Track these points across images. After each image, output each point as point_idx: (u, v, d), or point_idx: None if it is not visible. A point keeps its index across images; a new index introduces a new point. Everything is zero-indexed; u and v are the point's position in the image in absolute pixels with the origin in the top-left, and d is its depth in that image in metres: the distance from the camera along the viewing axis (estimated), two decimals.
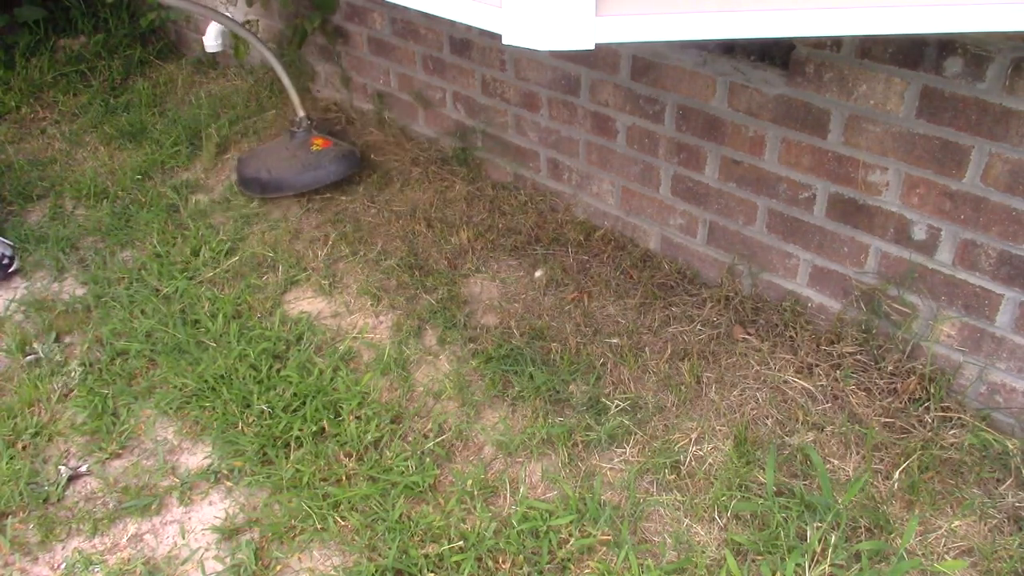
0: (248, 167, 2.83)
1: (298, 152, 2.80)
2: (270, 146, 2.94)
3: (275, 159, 2.81)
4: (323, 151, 2.78)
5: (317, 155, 2.76)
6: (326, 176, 2.74)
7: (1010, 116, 1.61)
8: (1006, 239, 1.71)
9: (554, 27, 1.02)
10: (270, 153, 2.86)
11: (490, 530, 1.67)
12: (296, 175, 2.73)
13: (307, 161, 2.75)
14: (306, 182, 2.74)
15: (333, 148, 2.80)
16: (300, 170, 2.73)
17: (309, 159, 2.76)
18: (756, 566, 1.59)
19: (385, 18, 2.92)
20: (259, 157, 2.86)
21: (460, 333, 2.19)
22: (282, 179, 2.74)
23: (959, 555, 1.61)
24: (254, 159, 2.86)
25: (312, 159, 2.76)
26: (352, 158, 2.79)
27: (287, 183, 2.74)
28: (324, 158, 2.76)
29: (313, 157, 2.76)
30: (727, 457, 1.80)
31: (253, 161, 2.85)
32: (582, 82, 2.36)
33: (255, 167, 2.81)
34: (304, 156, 2.77)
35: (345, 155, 2.78)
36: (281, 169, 2.76)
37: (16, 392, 2.09)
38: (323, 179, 2.74)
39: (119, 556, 1.71)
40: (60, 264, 2.56)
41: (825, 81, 1.85)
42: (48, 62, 3.76)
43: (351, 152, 2.80)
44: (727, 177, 2.14)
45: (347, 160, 2.77)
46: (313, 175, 2.73)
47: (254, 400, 1.99)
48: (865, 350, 1.98)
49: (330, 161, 2.75)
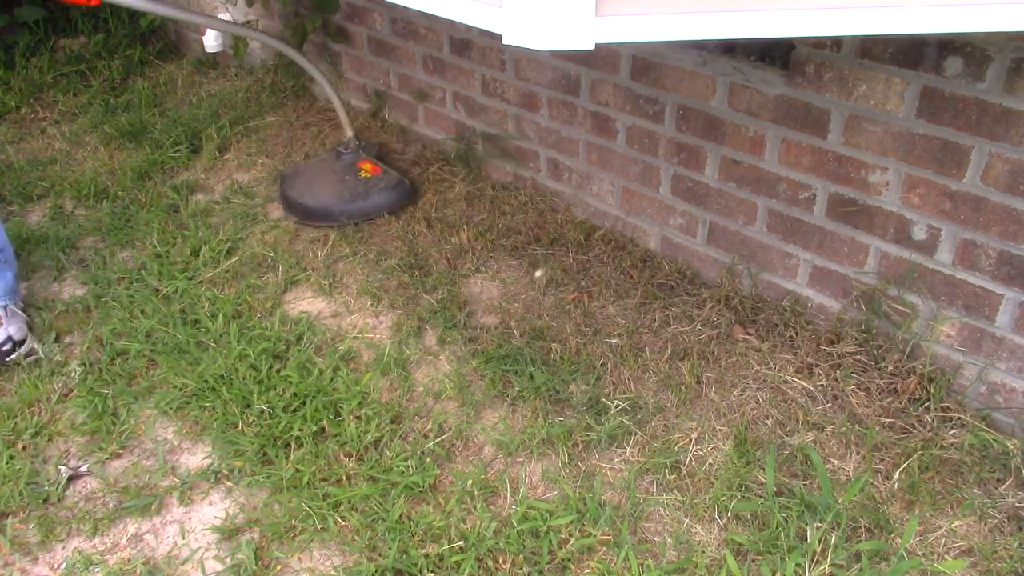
0: (292, 188, 2.68)
1: (346, 177, 2.67)
2: (316, 165, 2.79)
3: (321, 184, 2.66)
4: (372, 179, 2.64)
5: (366, 183, 2.62)
6: (375, 208, 2.59)
7: (1010, 116, 1.61)
8: (1006, 239, 1.71)
9: (554, 27, 1.02)
10: (315, 175, 2.71)
11: (490, 530, 1.67)
12: (343, 204, 2.58)
13: (355, 190, 2.61)
14: (352, 213, 2.58)
15: (383, 176, 2.66)
16: (348, 199, 2.59)
17: (357, 187, 2.62)
18: (756, 566, 1.59)
19: (385, 18, 2.92)
20: (304, 178, 2.71)
21: (460, 333, 2.19)
22: (328, 208, 2.58)
23: (959, 555, 1.61)
24: (299, 180, 2.71)
25: (360, 187, 2.61)
26: (402, 188, 2.63)
27: (332, 213, 2.58)
28: (373, 188, 2.61)
29: (362, 185, 2.62)
30: (727, 457, 1.80)
31: (298, 183, 2.70)
32: (582, 82, 2.36)
33: (299, 190, 2.66)
34: (352, 183, 2.64)
35: (395, 185, 2.63)
36: (327, 196, 2.61)
37: (16, 392, 2.09)
38: (371, 211, 2.59)
39: (119, 556, 1.71)
40: (60, 264, 2.56)
41: (825, 81, 1.85)
42: (48, 62, 3.76)
43: (400, 182, 2.64)
44: (727, 177, 2.14)
45: (397, 191, 2.62)
46: (361, 206, 2.58)
47: (254, 400, 1.99)
48: (865, 350, 1.98)
49: (379, 191, 2.60)
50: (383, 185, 2.62)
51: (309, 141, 3.11)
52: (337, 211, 2.58)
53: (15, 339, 2.19)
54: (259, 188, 2.88)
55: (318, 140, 3.11)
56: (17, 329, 2.21)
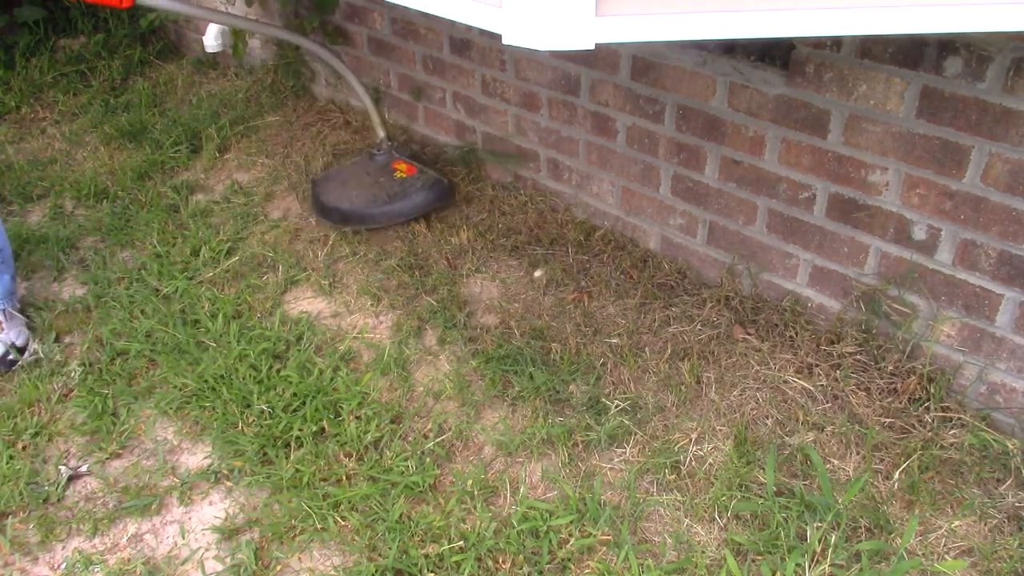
0: (326, 194, 2.59)
1: (380, 179, 2.59)
2: (348, 169, 2.71)
3: (356, 186, 2.57)
4: (409, 179, 2.56)
5: (402, 183, 2.54)
6: (413, 208, 2.51)
7: (1010, 116, 1.61)
8: (1006, 239, 1.71)
9: (554, 27, 1.02)
10: (349, 178, 2.63)
11: (490, 530, 1.67)
12: (381, 206, 2.50)
13: (392, 190, 2.53)
14: (391, 215, 2.51)
15: (419, 176, 2.58)
16: (385, 200, 2.50)
17: (394, 188, 2.53)
18: (756, 566, 1.59)
19: (385, 18, 2.92)
20: (337, 182, 2.63)
21: (460, 333, 2.19)
22: (365, 211, 2.51)
23: (959, 555, 1.61)
24: (332, 184, 2.63)
25: (397, 188, 2.53)
26: (441, 187, 2.55)
27: (371, 216, 2.51)
28: (411, 187, 2.53)
29: (398, 186, 2.54)
30: (727, 457, 1.80)
31: (331, 187, 2.61)
32: (582, 82, 2.36)
33: (335, 195, 2.57)
34: (388, 184, 2.56)
35: (433, 184, 2.55)
36: (364, 199, 2.53)
37: (16, 392, 2.09)
38: (410, 212, 2.51)
39: (119, 556, 1.71)
40: (60, 264, 2.56)
41: (825, 81, 1.85)
42: (48, 62, 3.76)
43: (438, 181, 2.56)
44: (727, 177, 2.14)
45: (436, 190, 2.54)
46: (400, 206, 2.50)
47: (254, 400, 1.99)
48: (865, 350, 1.98)
49: (417, 191, 2.52)
50: (420, 184, 2.54)
51: (309, 141, 3.11)
52: (376, 213, 2.51)
53: (18, 345, 2.19)
54: (259, 188, 2.88)
55: (318, 140, 3.11)
56: (18, 334, 2.20)
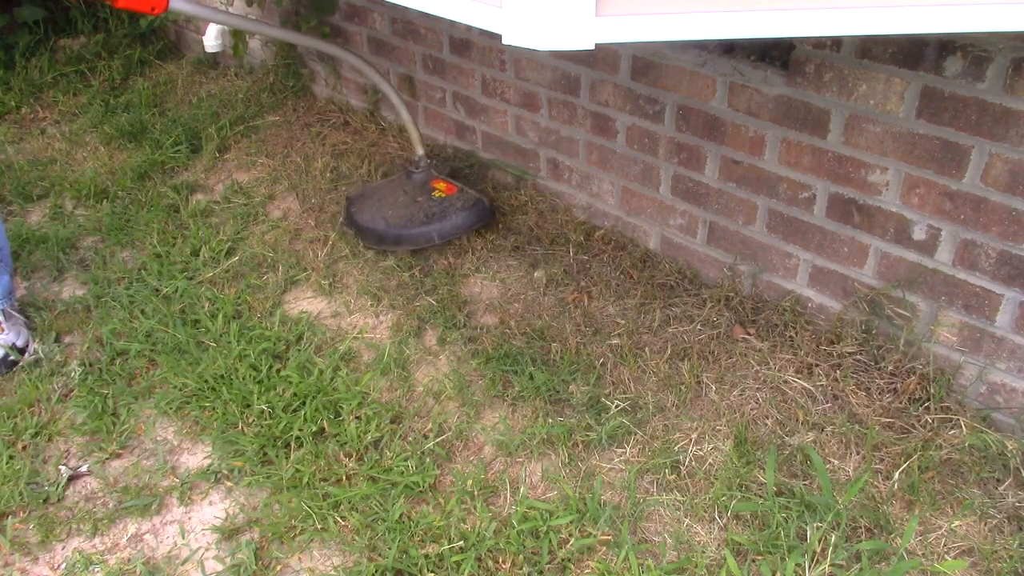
0: (362, 212, 2.51)
1: (418, 198, 2.50)
2: (385, 186, 2.61)
3: (392, 205, 2.48)
4: (448, 199, 2.47)
5: (441, 203, 2.45)
6: (453, 230, 2.42)
7: (1010, 116, 1.61)
8: (1006, 239, 1.71)
9: (554, 27, 1.02)
10: (386, 196, 2.54)
11: (490, 530, 1.67)
12: (419, 227, 2.40)
13: (430, 210, 2.43)
14: (430, 236, 2.41)
15: (459, 195, 2.49)
16: (423, 220, 2.41)
17: (432, 208, 2.44)
18: (756, 566, 1.59)
19: (385, 18, 2.92)
20: (374, 200, 2.54)
21: (460, 333, 2.19)
22: (403, 232, 2.42)
23: (959, 555, 1.61)
24: (368, 202, 2.54)
25: (436, 208, 2.44)
26: (480, 207, 2.45)
27: (408, 237, 2.42)
28: (450, 208, 2.43)
29: (436, 206, 2.44)
30: (727, 457, 1.80)
31: (367, 205, 2.53)
32: (582, 82, 2.36)
33: (370, 214, 2.49)
34: (427, 204, 2.46)
35: (474, 204, 2.45)
36: (401, 219, 2.44)
37: (16, 392, 2.09)
38: (449, 233, 2.42)
39: (119, 556, 1.71)
40: (60, 264, 2.56)
41: (825, 81, 1.85)
42: (48, 62, 3.76)
43: (479, 201, 2.46)
44: (727, 177, 2.14)
45: (476, 210, 2.44)
46: (438, 227, 2.40)
47: (254, 400, 1.99)
48: (865, 350, 1.98)
49: (457, 211, 2.42)
50: (460, 205, 2.45)
51: (309, 141, 3.11)
52: (414, 234, 2.42)
53: (18, 346, 2.19)
54: (259, 188, 2.88)
55: (318, 140, 3.11)
56: (17, 334, 2.20)
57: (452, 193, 2.50)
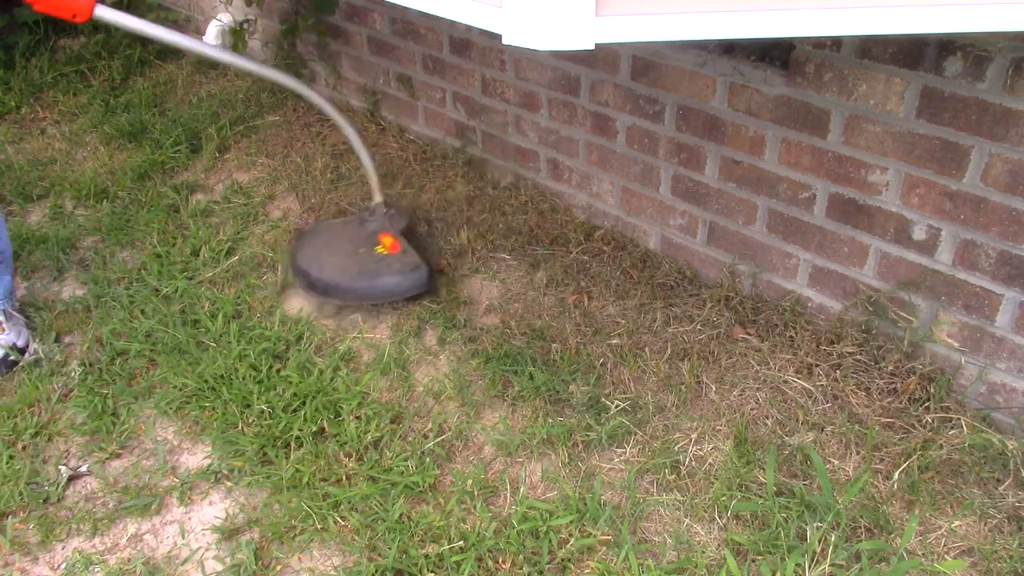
0: (304, 252, 2.34)
1: (361, 249, 2.30)
2: (337, 228, 2.44)
3: (335, 251, 2.31)
4: (388, 258, 2.26)
5: (379, 261, 2.25)
6: (382, 293, 2.24)
7: (1010, 116, 1.61)
8: (1006, 239, 1.71)
9: (554, 27, 1.02)
10: (333, 239, 2.36)
11: (490, 530, 1.67)
12: (350, 281, 2.24)
13: (366, 266, 2.25)
14: (359, 293, 2.24)
15: (400, 256, 2.27)
16: (356, 276, 2.24)
17: (369, 264, 2.25)
18: (756, 566, 1.59)
19: (385, 18, 2.92)
20: (319, 241, 2.37)
21: (460, 333, 2.19)
22: (332, 282, 2.25)
23: (959, 555, 1.61)
24: (314, 242, 2.37)
25: (372, 265, 2.24)
26: (417, 276, 2.23)
27: (336, 290, 2.25)
28: (385, 268, 2.24)
29: (374, 262, 2.25)
30: (727, 457, 1.80)
31: (310, 245, 2.36)
32: (582, 82, 2.36)
33: (309, 256, 2.32)
34: (366, 258, 2.27)
35: (412, 269, 2.24)
36: (336, 269, 2.26)
37: (16, 392, 2.09)
38: (378, 295, 2.24)
39: (119, 556, 1.71)
40: (60, 264, 2.56)
41: (825, 81, 1.85)
42: (48, 62, 3.76)
43: (418, 267, 2.24)
44: (727, 177, 2.14)
45: (411, 277, 2.23)
46: (367, 287, 2.23)
47: (254, 400, 1.99)
48: (865, 350, 1.98)
49: (390, 274, 2.22)
50: (397, 267, 2.24)
51: (309, 141, 3.11)
52: (341, 288, 2.25)
53: (18, 346, 2.19)
54: (259, 188, 2.88)
55: (318, 140, 3.11)
56: (18, 334, 2.20)
57: (394, 252, 2.27)
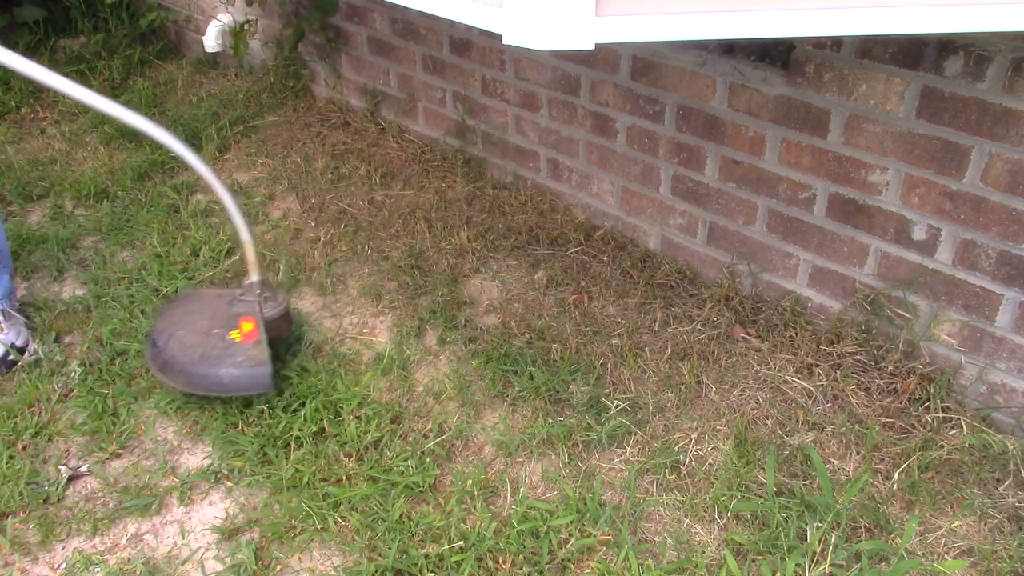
0: (162, 319, 2.09)
1: (216, 329, 2.02)
2: (208, 299, 2.15)
3: (189, 326, 2.04)
4: (236, 347, 1.97)
5: (226, 349, 1.97)
6: (216, 384, 1.94)
7: (1010, 116, 1.61)
8: (1006, 239, 1.71)
9: (554, 27, 1.02)
10: (202, 310, 2.10)
11: (490, 530, 1.67)
12: (188, 363, 1.95)
13: (210, 351, 1.97)
14: (191, 379, 1.96)
15: (248, 350, 1.96)
16: (196, 359, 1.95)
17: (214, 350, 1.97)
18: (756, 566, 1.59)
19: (385, 18, 2.92)
20: (182, 311, 2.11)
21: (460, 333, 2.19)
22: (171, 359, 1.98)
23: (959, 555, 1.61)
24: (176, 311, 2.11)
25: (217, 352, 1.96)
26: (257, 376, 1.93)
27: (172, 368, 1.97)
28: (228, 359, 1.95)
29: (220, 349, 1.97)
30: (727, 457, 1.80)
31: (173, 313, 2.11)
32: (582, 82, 2.36)
33: (164, 324, 2.06)
34: (215, 342, 1.99)
35: (253, 367, 1.93)
36: (180, 345, 1.99)
37: (16, 392, 2.09)
38: (211, 385, 1.95)
39: (119, 556, 1.71)
40: (60, 264, 2.56)
41: (825, 81, 1.85)
42: (48, 62, 3.76)
43: (260, 366, 1.93)
44: (727, 177, 2.14)
45: (248, 377, 1.93)
46: (203, 374, 1.94)
47: (254, 400, 1.99)
48: (865, 350, 1.98)
49: (231, 366, 1.93)
50: (240, 360, 1.94)
51: (309, 141, 3.11)
52: (177, 369, 1.97)
53: (18, 345, 2.18)
54: (259, 188, 2.88)
55: (318, 140, 3.11)
56: (17, 334, 2.20)
57: (247, 342, 1.99)
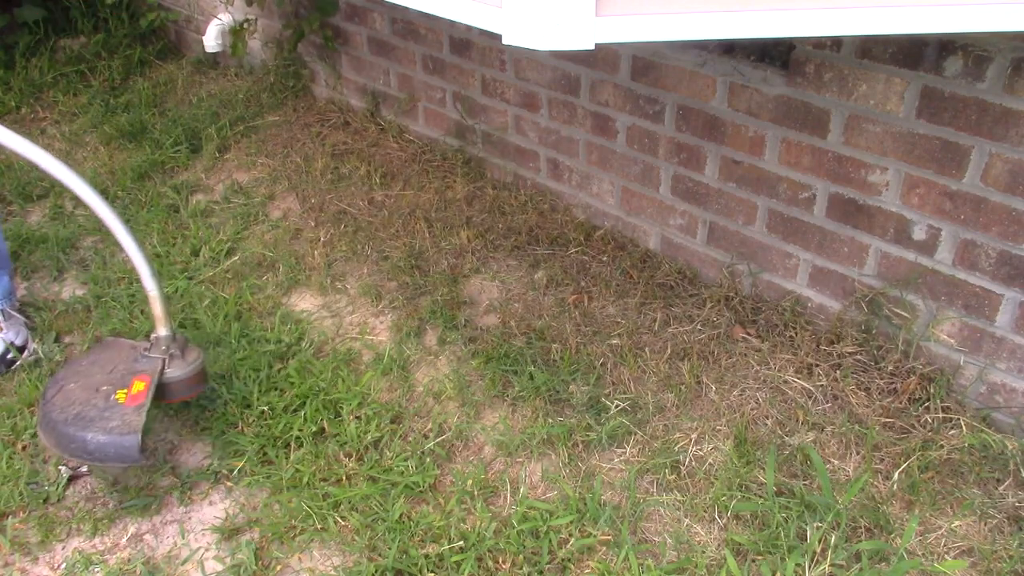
0: (64, 370, 1.90)
1: (105, 387, 1.81)
2: (122, 350, 1.92)
3: (82, 381, 1.84)
4: (117, 409, 1.75)
5: (106, 410, 1.75)
6: (79, 448, 1.72)
7: (1010, 116, 1.61)
8: (1006, 239, 1.71)
9: (554, 27, 1.02)
10: (105, 363, 1.88)
11: (490, 530, 1.67)
12: (61, 422, 1.75)
13: (90, 412, 1.75)
14: (59, 440, 1.74)
15: (125, 414, 1.74)
16: (70, 419, 1.74)
17: (94, 410, 1.76)
18: (756, 566, 1.59)
19: (385, 18, 2.92)
20: (89, 361, 1.91)
21: (460, 333, 2.19)
22: (48, 415, 1.78)
23: (959, 555, 1.61)
24: (82, 361, 1.91)
25: (93, 412, 1.75)
26: (126, 445, 1.69)
27: (45, 423, 1.78)
28: (101, 422, 1.73)
29: (100, 410, 1.75)
30: (727, 457, 1.80)
31: (79, 363, 1.91)
32: (582, 82, 2.36)
33: (63, 375, 1.87)
34: (99, 400, 1.78)
35: (124, 434, 1.70)
36: (62, 401, 1.79)
37: (16, 392, 2.09)
38: (76, 450, 1.73)
39: (119, 556, 1.71)
40: (60, 264, 2.56)
41: (825, 81, 1.85)
42: (48, 62, 3.76)
43: (131, 436, 1.69)
44: (727, 177, 2.14)
45: (117, 445, 1.70)
46: (69, 436, 1.72)
47: (254, 400, 1.99)
48: (865, 350, 1.98)
49: (104, 431, 1.71)
50: (114, 426, 1.72)
51: (309, 141, 3.11)
52: (50, 425, 1.77)
53: (17, 344, 2.18)
54: (259, 188, 2.88)
55: (318, 140, 3.11)
56: (16, 333, 2.20)
57: (131, 404, 1.77)
